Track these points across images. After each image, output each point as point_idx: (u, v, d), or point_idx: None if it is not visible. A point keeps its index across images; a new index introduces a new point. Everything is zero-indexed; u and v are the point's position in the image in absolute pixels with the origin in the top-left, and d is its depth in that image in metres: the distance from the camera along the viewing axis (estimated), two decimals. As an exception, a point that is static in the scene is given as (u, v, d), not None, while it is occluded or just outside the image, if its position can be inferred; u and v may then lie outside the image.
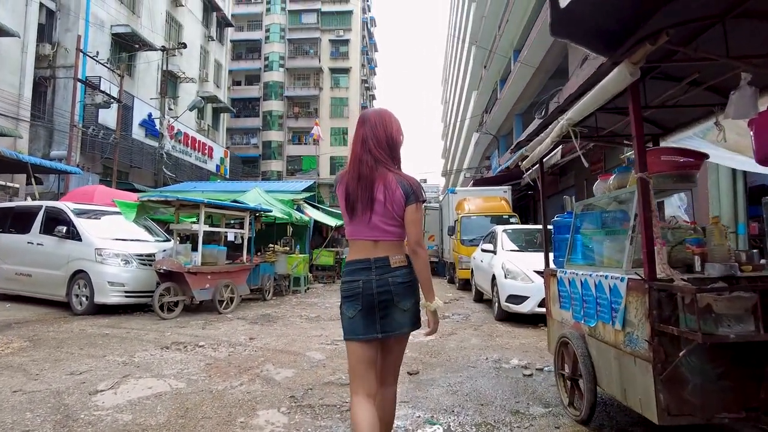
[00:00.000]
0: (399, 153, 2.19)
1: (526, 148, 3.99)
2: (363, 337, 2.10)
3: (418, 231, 2.11)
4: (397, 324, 2.10)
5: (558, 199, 17.87)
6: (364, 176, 2.10)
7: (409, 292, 2.11)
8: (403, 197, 2.07)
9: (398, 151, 2.19)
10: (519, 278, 7.24)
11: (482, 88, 29.32)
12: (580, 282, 3.17)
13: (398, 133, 2.20)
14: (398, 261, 2.11)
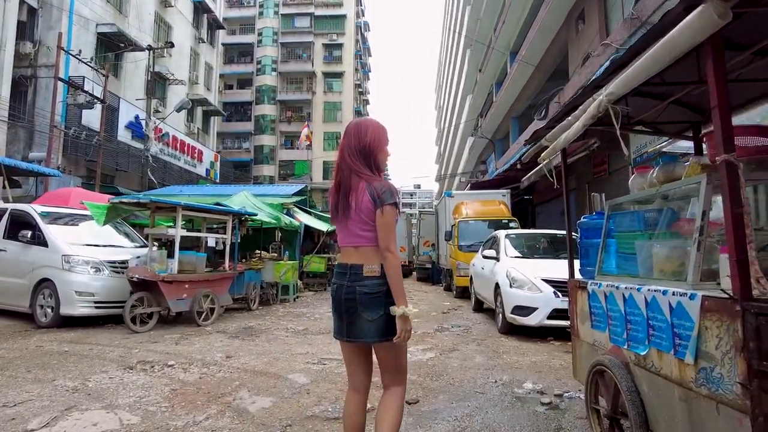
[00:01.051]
0: (375, 160, 2.25)
1: (547, 136, 3.38)
2: (336, 337, 2.30)
3: (385, 236, 2.12)
4: (362, 333, 2.16)
5: (558, 203, 17.33)
6: (342, 184, 2.23)
7: (374, 304, 2.14)
8: (371, 202, 2.13)
9: (373, 158, 2.25)
10: (526, 287, 6.62)
11: (477, 92, 28.85)
12: (622, 297, 2.55)
13: (374, 141, 2.25)
14: (371, 271, 2.16)
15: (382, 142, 2.28)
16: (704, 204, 2.11)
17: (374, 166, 2.25)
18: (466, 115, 33.29)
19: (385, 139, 2.31)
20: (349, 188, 2.19)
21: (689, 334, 1.98)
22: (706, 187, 2.12)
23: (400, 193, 66.79)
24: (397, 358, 2.24)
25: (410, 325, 2.13)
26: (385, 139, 2.30)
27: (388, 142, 2.32)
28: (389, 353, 2.21)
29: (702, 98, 3.30)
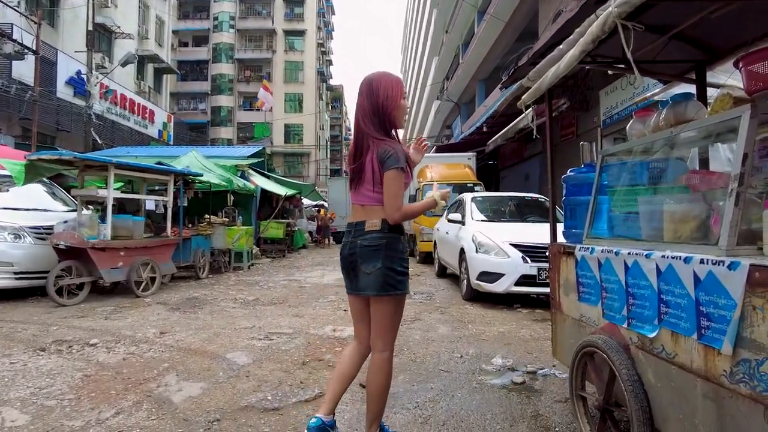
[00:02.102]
0: (390, 118, 2.20)
1: (530, 75, 2.81)
2: (347, 291, 2.34)
3: (390, 201, 2.11)
4: (362, 285, 2.19)
5: (523, 167, 17.05)
6: (356, 146, 2.22)
7: (372, 256, 2.15)
8: (379, 165, 2.12)
9: (388, 117, 2.19)
10: (492, 253, 6.19)
11: (443, 54, 28.04)
12: (623, 266, 2.06)
13: (387, 100, 2.18)
14: (372, 225, 2.17)
15: (397, 98, 2.19)
16: (746, 144, 1.60)
17: (389, 125, 2.21)
18: (432, 77, 32.49)
19: (399, 92, 2.21)
20: (362, 151, 2.19)
21: (726, 315, 1.50)
22: (750, 122, 1.61)
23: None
24: (389, 318, 2.20)
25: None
26: (399, 94, 2.20)
27: (402, 95, 2.22)
28: (381, 312, 2.19)
29: (712, 31, 2.80)
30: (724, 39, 2.85)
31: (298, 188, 17.86)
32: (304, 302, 6.44)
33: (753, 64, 1.77)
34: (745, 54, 1.80)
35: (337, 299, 6.67)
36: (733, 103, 1.86)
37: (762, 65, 1.72)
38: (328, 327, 4.93)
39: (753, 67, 1.77)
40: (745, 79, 1.82)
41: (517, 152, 17.23)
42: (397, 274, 2.15)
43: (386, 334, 2.22)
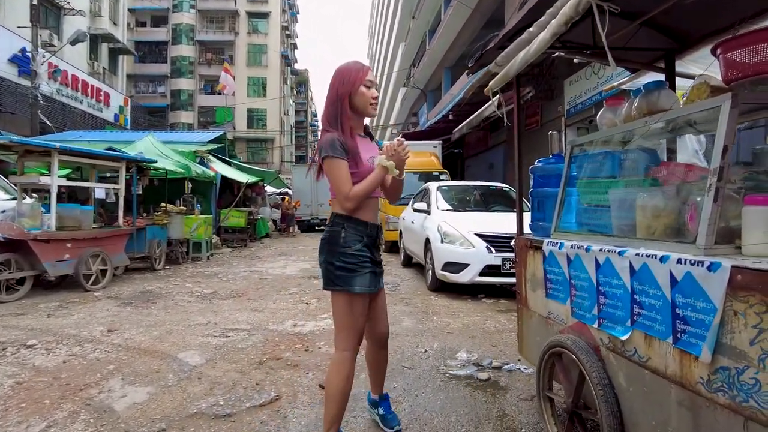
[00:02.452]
0: (352, 106, 2.13)
1: (498, 59, 2.67)
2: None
3: (335, 193, 2.11)
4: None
5: (488, 156, 17.11)
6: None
7: (321, 249, 2.18)
8: (320, 158, 2.12)
9: (346, 106, 2.11)
10: (458, 243, 6.11)
11: (410, 40, 27.77)
12: (594, 263, 1.96)
13: (342, 86, 2.11)
14: (330, 218, 2.21)
15: (353, 83, 2.10)
16: (726, 136, 1.50)
17: (343, 115, 2.10)
18: (399, 64, 32.20)
19: (358, 79, 2.10)
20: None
21: (705, 320, 1.40)
22: (729, 113, 1.50)
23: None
24: (338, 315, 2.15)
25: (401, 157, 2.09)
26: (357, 80, 2.10)
27: (360, 80, 2.10)
28: (333, 307, 2.18)
29: (683, 18, 2.72)
30: (694, 27, 2.78)
31: (260, 175, 17.40)
32: (264, 295, 6.21)
33: (731, 51, 1.67)
34: (722, 40, 1.70)
35: (299, 291, 6.47)
36: (710, 92, 1.76)
37: (740, 52, 1.62)
38: (289, 322, 4.73)
39: (731, 55, 1.67)
40: (722, 67, 1.73)
41: (482, 141, 17.28)
42: (335, 269, 2.09)
43: (339, 332, 2.17)
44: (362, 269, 2.11)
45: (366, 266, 2.13)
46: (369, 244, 2.18)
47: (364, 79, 2.10)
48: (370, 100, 2.13)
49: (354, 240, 2.12)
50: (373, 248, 2.22)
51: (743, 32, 1.68)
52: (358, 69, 2.12)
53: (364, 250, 2.14)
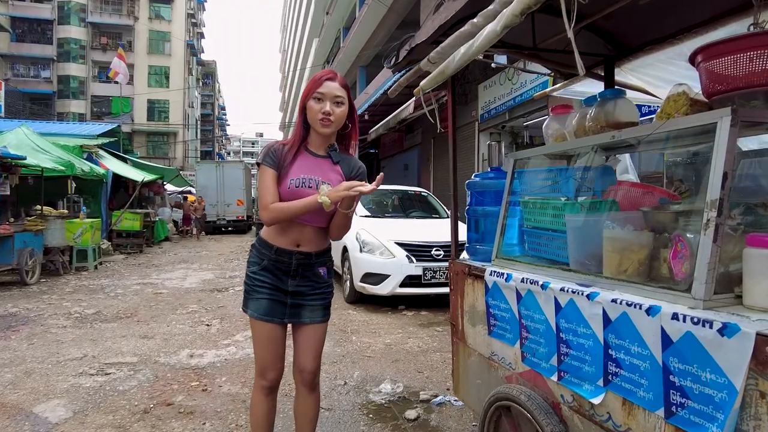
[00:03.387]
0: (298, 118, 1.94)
1: (431, 56, 2.28)
2: None
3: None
4: None
5: (403, 158, 17.01)
6: None
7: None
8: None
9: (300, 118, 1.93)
10: (377, 252, 5.75)
11: (324, 36, 27.13)
12: (553, 304, 1.63)
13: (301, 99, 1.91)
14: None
15: (305, 95, 1.88)
16: (726, 161, 1.21)
17: (297, 127, 1.94)
18: (312, 60, 31.38)
19: (309, 88, 1.87)
20: None
21: (715, 397, 1.10)
22: (730, 132, 1.22)
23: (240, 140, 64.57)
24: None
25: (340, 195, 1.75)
26: (307, 89, 1.88)
27: (310, 91, 1.86)
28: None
29: (624, 24, 2.52)
30: (635, 34, 2.59)
31: (159, 173, 15.96)
32: (157, 315, 5.41)
33: (716, 58, 1.40)
34: (705, 46, 1.44)
35: (199, 309, 5.73)
36: (689, 106, 1.50)
37: (729, 60, 1.36)
38: (184, 352, 4.06)
39: (716, 63, 1.40)
40: (704, 78, 1.46)
41: (397, 142, 17.17)
42: (244, 286, 1.98)
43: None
44: (255, 294, 1.92)
45: (260, 291, 1.91)
46: (273, 270, 1.92)
47: (314, 91, 1.84)
48: (318, 115, 1.84)
49: (253, 261, 1.96)
50: (284, 275, 1.91)
51: (732, 37, 1.42)
52: (315, 79, 1.88)
53: (261, 275, 1.92)
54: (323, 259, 2.00)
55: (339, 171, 1.93)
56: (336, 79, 1.87)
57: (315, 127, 1.86)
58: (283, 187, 1.84)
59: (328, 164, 1.92)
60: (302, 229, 1.90)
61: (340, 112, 1.86)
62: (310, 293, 1.96)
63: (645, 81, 2.83)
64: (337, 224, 1.96)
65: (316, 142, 1.93)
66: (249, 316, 1.93)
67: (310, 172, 1.87)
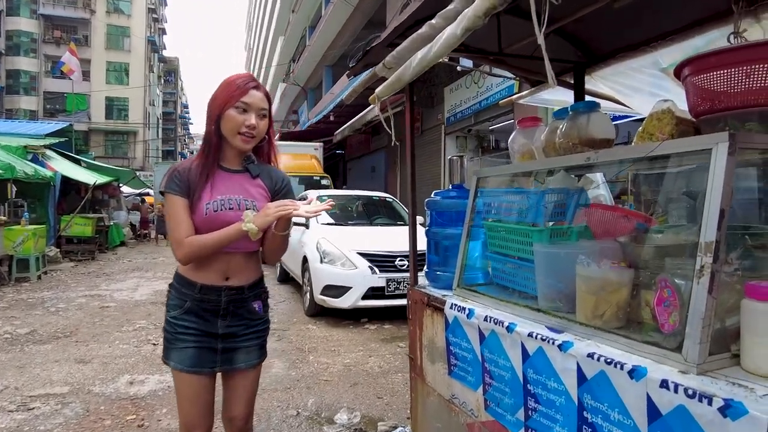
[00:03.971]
0: (207, 131, 1.64)
1: (387, 60, 2.04)
2: None
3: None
4: None
5: (370, 159, 16.77)
6: None
7: None
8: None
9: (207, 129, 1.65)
10: (339, 263, 5.49)
11: (290, 34, 26.63)
12: (519, 349, 1.42)
13: (208, 107, 1.63)
14: None
15: (223, 102, 1.56)
16: (723, 195, 1.02)
17: (210, 142, 1.61)
18: (278, 58, 30.80)
19: (228, 95, 1.56)
20: None
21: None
22: (727, 160, 1.02)
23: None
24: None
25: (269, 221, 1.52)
26: (226, 96, 1.57)
27: (231, 99, 1.56)
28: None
29: (595, 30, 2.35)
30: (607, 41, 2.43)
31: (114, 174, 15.22)
32: (99, 334, 4.99)
33: (705, 72, 1.21)
34: (694, 57, 1.24)
35: (147, 325, 5.33)
36: (675, 125, 1.31)
37: (723, 75, 1.16)
38: (124, 378, 3.70)
39: (706, 78, 1.21)
40: (692, 93, 1.27)
41: (364, 144, 16.94)
42: (164, 333, 1.68)
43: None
44: (178, 342, 1.62)
45: (185, 339, 1.62)
46: (198, 312, 1.63)
47: (237, 100, 1.56)
48: (240, 127, 1.57)
49: (174, 304, 1.66)
50: (212, 316, 1.63)
51: (726, 48, 1.23)
52: (236, 86, 1.58)
53: (184, 320, 1.63)
54: (257, 291, 1.73)
55: (261, 185, 1.68)
56: (260, 89, 1.61)
57: (233, 140, 1.59)
58: (198, 214, 1.56)
59: (246, 179, 1.66)
60: (230, 258, 1.63)
61: (264, 126, 1.62)
62: (244, 333, 1.70)
63: (616, 90, 2.67)
64: (274, 249, 1.72)
65: (231, 156, 1.66)
66: (172, 368, 1.63)
67: (229, 192, 1.60)
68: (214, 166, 1.61)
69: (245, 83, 1.58)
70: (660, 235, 1.42)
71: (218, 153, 1.62)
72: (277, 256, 1.78)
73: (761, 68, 1.11)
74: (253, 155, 1.69)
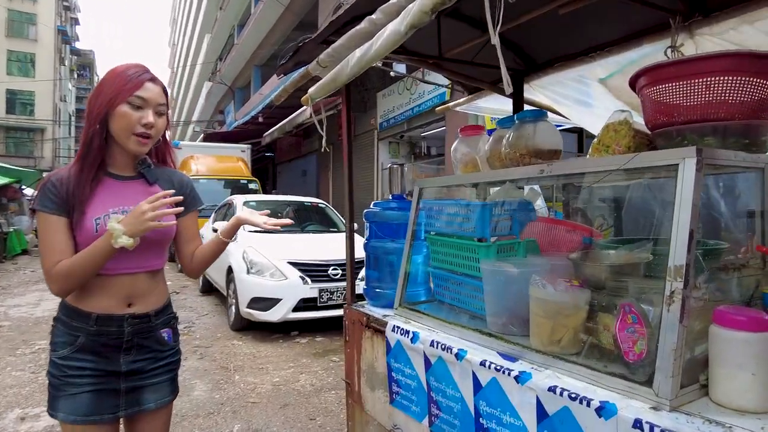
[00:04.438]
0: (87, 133, 1.34)
1: (322, 58, 1.87)
2: None
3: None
4: None
5: (301, 163, 16.39)
6: None
7: None
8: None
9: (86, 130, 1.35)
10: (267, 273, 5.18)
11: (217, 32, 25.59)
12: (471, 379, 1.29)
13: (88, 103, 1.36)
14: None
15: (112, 98, 1.29)
16: (692, 215, 0.94)
17: (94, 145, 1.32)
18: (204, 56, 29.51)
19: (118, 89, 1.29)
20: None
21: None
22: (696, 177, 0.95)
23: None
24: None
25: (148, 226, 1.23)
26: (116, 91, 1.29)
27: (123, 93, 1.29)
28: None
29: (534, 36, 2.31)
30: (546, 49, 2.40)
31: (15, 175, 13.78)
32: (-12, 357, 4.37)
33: (664, 83, 1.14)
34: (651, 67, 1.18)
35: (47, 346, 4.74)
36: (632, 137, 1.24)
37: (682, 87, 1.10)
38: (13, 413, 3.21)
39: (663, 89, 1.14)
40: (648, 106, 1.20)
41: (295, 147, 16.55)
42: (49, 379, 1.37)
43: None
44: (69, 388, 1.33)
45: (78, 383, 1.33)
46: (95, 348, 1.35)
47: (131, 94, 1.30)
48: (135, 127, 1.32)
49: (62, 341, 1.36)
50: (114, 351, 1.37)
51: (688, 58, 1.17)
52: (128, 78, 1.32)
53: (77, 360, 1.34)
54: (166, 317, 1.49)
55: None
56: (157, 82, 1.37)
57: (126, 142, 1.33)
58: (85, 232, 1.29)
59: (142, 187, 1.41)
60: (132, 279, 1.37)
61: (162, 124, 1.38)
62: (152, 368, 1.44)
63: (553, 99, 2.66)
64: (208, 259, 1.54)
65: (122, 161, 1.39)
66: (61, 422, 1.33)
67: (123, 203, 1.35)
68: (99, 173, 1.34)
69: (139, 75, 1.32)
70: (612, 252, 1.35)
71: (102, 157, 1.35)
72: (205, 268, 1.56)
73: (721, 81, 1.05)
74: (148, 158, 1.43)
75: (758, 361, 0.90)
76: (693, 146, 0.97)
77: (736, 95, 1.04)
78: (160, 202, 1.24)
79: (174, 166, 1.55)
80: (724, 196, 1.23)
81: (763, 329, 0.91)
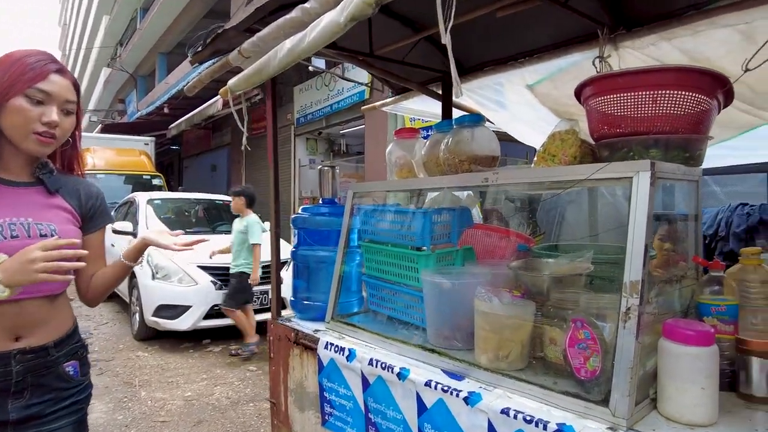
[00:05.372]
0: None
1: (245, 47, 1.69)
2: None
3: None
4: None
5: (210, 157, 15.56)
6: None
7: None
8: None
9: None
10: (175, 279, 4.80)
11: (117, 14, 23.58)
12: (415, 399, 1.21)
13: None
14: None
15: (5, 91, 1.07)
16: (647, 229, 0.92)
17: None
18: (102, 40, 27.08)
19: (13, 79, 1.07)
20: None
21: None
22: (650, 191, 0.93)
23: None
24: None
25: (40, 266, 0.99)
26: (10, 81, 1.07)
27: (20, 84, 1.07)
28: None
29: (464, 39, 2.29)
30: (475, 52, 2.39)
31: None
32: None
33: (609, 94, 1.13)
34: (596, 78, 1.17)
35: None
36: (579, 147, 1.22)
37: (627, 99, 1.09)
38: None
39: (609, 100, 1.13)
40: (594, 116, 1.19)
41: (204, 140, 15.71)
42: None
43: None
44: None
45: None
46: None
47: (29, 86, 1.08)
48: (35, 125, 1.09)
49: None
50: (1, 396, 1.11)
51: (635, 69, 1.17)
52: (28, 66, 1.09)
53: None
54: (71, 348, 1.24)
55: (63, 205, 1.21)
56: (66, 74, 1.15)
57: (22, 142, 1.11)
58: None
59: (40, 195, 1.18)
60: (19, 308, 1.11)
61: (70, 125, 1.17)
62: (53, 411, 1.18)
63: (481, 104, 2.67)
64: (110, 286, 1.33)
65: (15, 164, 1.16)
66: None
67: (14, 212, 1.11)
68: None
69: (43, 64, 1.10)
70: (552, 261, 1.34)
71: None
72: (104, 296, 1.34)
73: (668, 94, 1.06)
74: (50, 163, 1.20)
75: (707, 375, 0.91)
76: (647, 160, 0.95)
77: (680, 108, 1.05)
78: (58, 253, 1.01)
79: (82, 176, 1.32)
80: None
81: (712, 343, 0.92)
